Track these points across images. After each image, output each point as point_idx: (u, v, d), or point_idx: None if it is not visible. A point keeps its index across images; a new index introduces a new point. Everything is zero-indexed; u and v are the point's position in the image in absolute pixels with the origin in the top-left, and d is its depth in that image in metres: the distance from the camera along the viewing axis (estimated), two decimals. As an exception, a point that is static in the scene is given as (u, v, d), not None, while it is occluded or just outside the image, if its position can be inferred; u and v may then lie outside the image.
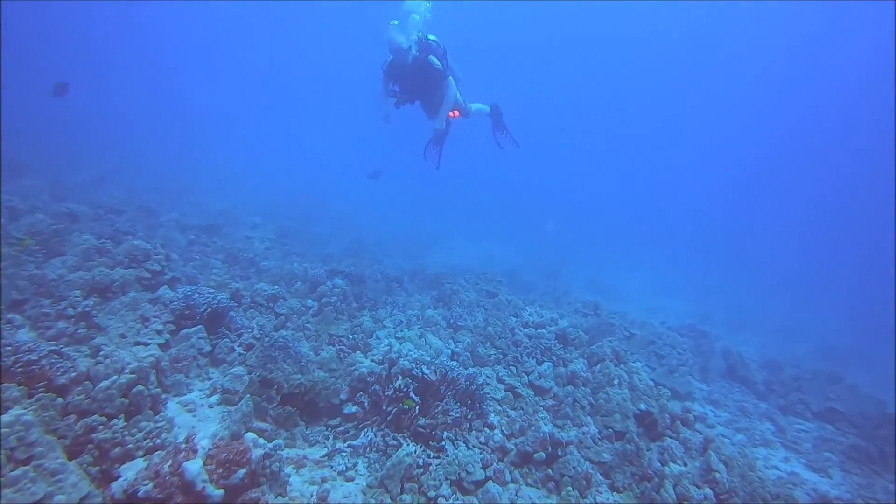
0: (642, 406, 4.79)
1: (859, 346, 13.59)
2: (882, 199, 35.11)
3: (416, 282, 10.29)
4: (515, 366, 5.80)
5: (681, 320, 11.38)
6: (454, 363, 5.47)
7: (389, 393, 4.53)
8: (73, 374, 3.52)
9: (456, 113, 7.85)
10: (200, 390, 4.54)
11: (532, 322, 7.09)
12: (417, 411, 4.40)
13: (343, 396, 4.68)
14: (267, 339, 5.19)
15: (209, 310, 5.20)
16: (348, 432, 4.38)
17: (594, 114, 48.13)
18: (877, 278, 23.81)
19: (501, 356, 6.19)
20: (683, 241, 25.54)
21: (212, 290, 5.56)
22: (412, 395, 4.49)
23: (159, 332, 4.87)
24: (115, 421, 3.31)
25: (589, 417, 4.83)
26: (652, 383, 5.18)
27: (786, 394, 8.17)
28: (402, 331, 6.70)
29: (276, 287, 6.88)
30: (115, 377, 3.53)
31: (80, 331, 4.61)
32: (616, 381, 5.03)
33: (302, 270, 8.50)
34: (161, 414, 3.71)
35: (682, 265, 21.16)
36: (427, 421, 4.37)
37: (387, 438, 4.20)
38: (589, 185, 36.41)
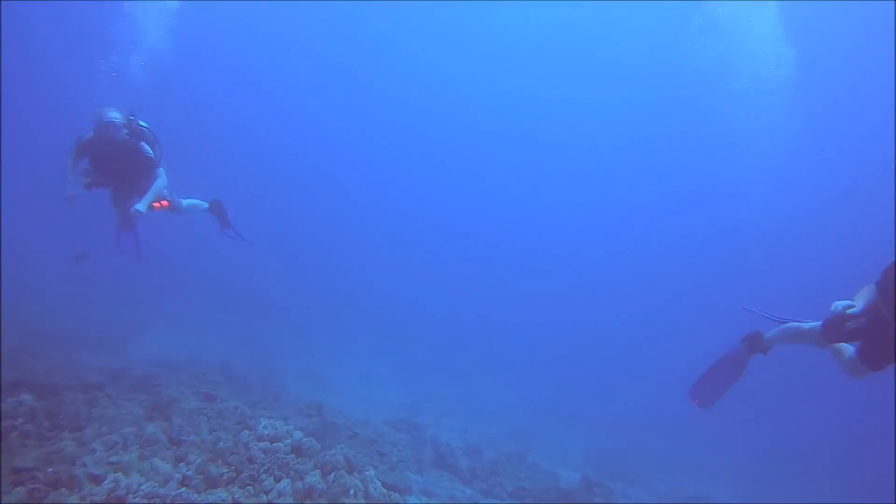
0: (376, 515, 5.51)
1: (535, 425, 16.83)
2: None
3: (121, 386, 9.07)
4: (252, 485, 5.84)
5: (395, 413, 12.72)
6: (188, 491, 5.25)
7: (117, 539, 4.17)
8: None
9: (165, 203, 7.51)
10: None
11: (267, 435, 7.18)
12: (151, 555, 4.16)
13: (50, 552, 4.06)
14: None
15: None
16: None
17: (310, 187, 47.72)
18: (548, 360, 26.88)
19: (235, 475, 6.11)
20: (394, 322, 26.93)
21: None
22: (145, 537, 4.24)
23: None
24: None
25: (327, 532, 5.26)
26: (385, 490, 5.96)
27: (486, 478, 9.86)
28: (117, 454, 5.97)
29: (-66, 410, 5.39)
30: None
31: None
32: (352, 492, 5.64)
33: (-34, 382, 6.75)
34: None
35: (393, 349, 22.75)
36: (162, 564, 4.17)
37: None
38: (298, 263, 34.80)
